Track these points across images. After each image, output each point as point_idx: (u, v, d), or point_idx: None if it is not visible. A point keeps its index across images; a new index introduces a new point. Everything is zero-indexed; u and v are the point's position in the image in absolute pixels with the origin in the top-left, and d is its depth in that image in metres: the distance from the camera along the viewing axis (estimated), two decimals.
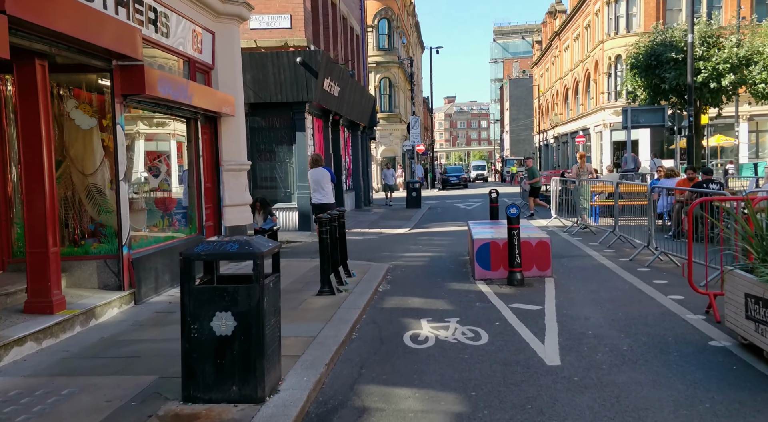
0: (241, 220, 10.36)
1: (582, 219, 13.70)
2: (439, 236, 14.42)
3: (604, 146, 41.53)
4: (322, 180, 11.31)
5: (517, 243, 8.07)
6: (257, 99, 14.72)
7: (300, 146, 15.08)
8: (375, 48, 41.46)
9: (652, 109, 23.25)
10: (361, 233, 15.26)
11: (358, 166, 23.23)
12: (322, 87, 15.28)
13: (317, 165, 11.62)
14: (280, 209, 15.30)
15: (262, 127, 15.29)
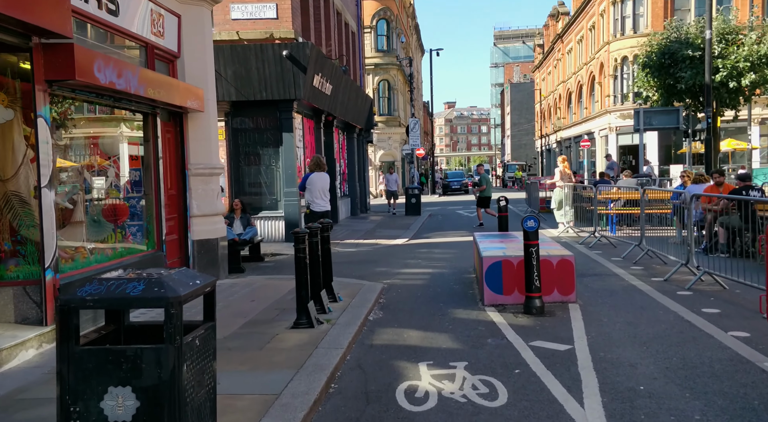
0: (212, 232, 8.96)
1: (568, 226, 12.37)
2: (441, 248, 13.02)
3: (610, 150, 40.15)
4: (327, 186, 10.19)
5: (536, 263, 6.67)
6: (240, 96, 13.35)
7: (287, 148, 13.70)
8: (373, 49, 40.17)
9: (666, 110, 21.88)
10: (355, 244, 13.85)
11: (354, 171, 21.85)
12: (312, 84, 13.91)
13: (321, 169, 10.30)
14: (266, 218, 13.91)
15: (245, 127, 13.91)
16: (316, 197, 10.28)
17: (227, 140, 13.74)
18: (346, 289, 8.18)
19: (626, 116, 38.46)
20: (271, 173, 13.92)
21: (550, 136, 62.63)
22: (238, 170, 13.93)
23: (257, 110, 13.83)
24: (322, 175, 10.43)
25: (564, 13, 56.35)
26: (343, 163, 21.06)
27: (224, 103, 13.48)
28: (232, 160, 13.89)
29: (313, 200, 10.34)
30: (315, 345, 5.54)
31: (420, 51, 67.92)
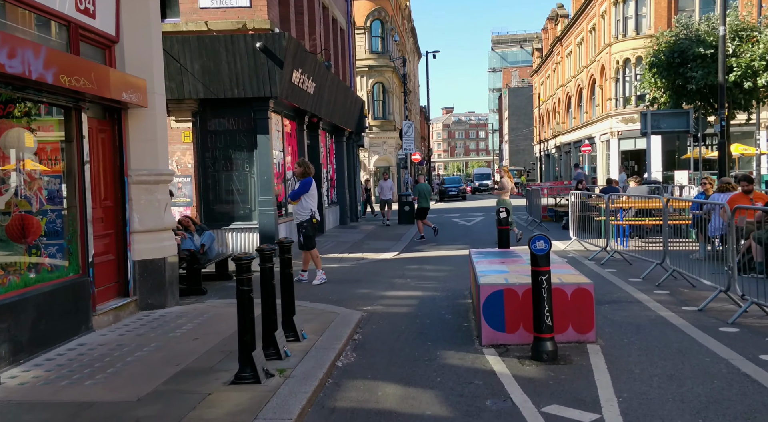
0: (158, 251, 7.53)
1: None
2: (434, 263, 11.59)
3: (612, 155, 38.83)
4: (315, 193, 9.58)
5: (547, 296, 5.26)
6: (209, 94, 11.94)
7: (262, 151, 12.28)
8: (367, 51, 38.84)
9: (675, 113, 20.54)
10: (338, 258, 12.42)
11: (343, 177, 20.44)
12: (290, 80, 12.51)
13: (310, 174, 9.60)
14: (238, 230, 12.48)
15: (215, 129, 12.49)
16: (309, 205, 9.31)
17: (195, 142, 12.32)
18: (315, 321, 6.77)
19: (628, 120, 37.16)
20: (245, 180, 12.50)
21: (549, 141, 61.33)
22: (208, 177, 12.51)
23: (229, 109, 12.42)
24: (312, 182, 9.56)
25: (563, 16, 55.13)
26: (331, 168, 19.66)
27: (191, 101, 12.08)
28: (201, 165, 12.48)
29: (312, 208, 9.35)
30: (254, 414, 4.12)
31: (416, 54, 66.67)
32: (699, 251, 10.26)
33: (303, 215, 9.30)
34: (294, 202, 9.30)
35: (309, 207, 9.32)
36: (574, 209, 12.53)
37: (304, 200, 9.28)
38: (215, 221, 12.49)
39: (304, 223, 9.29)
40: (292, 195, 9.44)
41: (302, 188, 9.27)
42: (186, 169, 12.24)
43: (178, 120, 12.17)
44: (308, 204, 9.32)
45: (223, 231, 12.47)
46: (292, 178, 14.83)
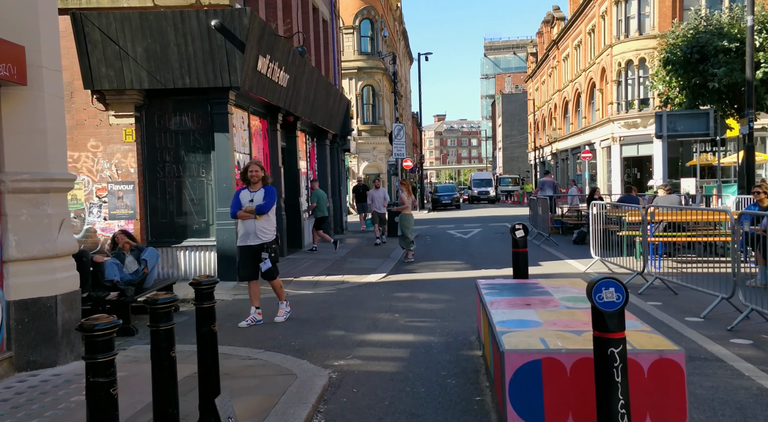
0: (47, 287, 5.38)
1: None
2: (428, 289, 9.47)
3: (613, 163, 36.91)
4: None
5: (622, 379, 3.16)
6: (154, 83, 9.82)
7: (221, 154, 10.16)
8: (356, 52, 36.88)
9: (693, 114, 18.58)
10: (313, 282, 10.29)
11: (326, 185, 18.32)
12: (255, 68, 10.42)
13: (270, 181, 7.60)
14: (192, 248, 10.33)
15: (164, 126, 10.36)
16: (271, 221, 7.34)
17: (139, 142, 10.18)
18: (260, 391, 4.67)
19: (631, 125, 35.32)
20: (201, 188, 10.37)
21: (544, 148, 59.52)
22: (155, 184, 10.37)
23: (181, 102, 10.31)
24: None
25: (559, 19, 53.47)
26: (312, 175, 17.55)
27: (134, 92, 9.95)
28: (147, 170, 10.33)
29: (269, 226, 7.31)
30: None
31: (408, 59, 64.81)
32: (758, 276, 8.25)
33: (270, 234, 7.21)
34: (261, 216, 7.13)
35: (275, 223, 7.31)
36: (596, 223, 10.45)
37: (272, 214, 7.23)
38: (164, 237, 10.35)
39: (272, 245, 7.22)
40: (264, 207, 7.09)
41: (273, 198, 7.19)
42: (128, 174, 10.09)
43: (119, 115, 10.03)
44: (274, 219, 7.30)
45: (173, 249, 10.33)
46: None
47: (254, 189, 7.18)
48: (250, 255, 7.18)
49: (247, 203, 7.10)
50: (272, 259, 7.16)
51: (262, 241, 7.14)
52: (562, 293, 5.50)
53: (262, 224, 7.12)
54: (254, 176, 7.16)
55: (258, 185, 7.20)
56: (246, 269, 7.28)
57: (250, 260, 7.18)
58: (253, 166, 7.20)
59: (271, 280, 7.31)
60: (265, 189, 7.17)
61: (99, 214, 10.12)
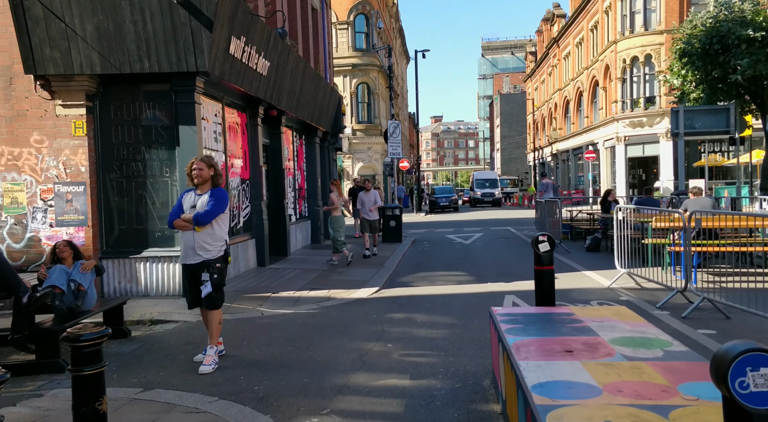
0: None
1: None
2: (427, 309, 8.06)
3: (618, 163, 35.57)
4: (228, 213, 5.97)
5: None
6: (108, 68, 8.40)
7: (187, 150, 8.73)
8: (351, 48, 35.47)
9: (712, 109, 17.23)
10: (294, 298, 8.87)
11: (315, 186, 16.92)
12: (227, 50, 9.00)
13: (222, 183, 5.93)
14: (153, 259, 8.90)
15: (121, 118, 8.94)
16: (222, 236, 5.80)
17: (91, 136, 8.76)
18: None
19: (636, 124, 33.98)
20: (164, 189, 8.95)
21: (544, 149, 58.20)
22: (111, 185, 8.95)
23: (140, 89, 8.90)
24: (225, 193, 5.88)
25: (560, 16, 52.19)
26: (299, 175, 16.14)
27: (84, 78, 8.53)
28: (101, 168, 8.91)
29: (227, 238, 5.84)
30: None
31: (405, 58, 63.48)
32: None
33: (213, 250, 5.63)
34: (201, 228, 5.59)
35: (223, 237, 5.75)
36: (621, 230, 9.04)
37: (217, 226, 5.66)
38: (121, 247, 8.93)
39: (216, 263, 5.63)
40: (203, 216, 5.51)
41: (219, 205, 5.60)
42: (78, 174, 8.67)
43: (67, 105, 8.61)
44: (222, 231, 5.75)
45: (132, 261, 8.90)
46: (239, 185, 11.29)
47: (201, 191, 5.65)
48: (190, 276, 5.67)
49: (188, 209, 5.59)
50: (214, 282, 5.57)
51: (202, 258, 5.56)
52: (610, 330, 4.11)
53: (203, 237, 5.54)
54: (198, 175, 5.61)
55: (206, 186, 5.65)
56: (189, 293, 5.75)
57: (191, 282, 5.67)
58: (197, 162, 5.66)
59: (211, 309, 5.64)
60: (212, 193, 5.60)
61: (44, 220, 8.69)
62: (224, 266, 5.70)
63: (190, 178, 5.66)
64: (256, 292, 9.31)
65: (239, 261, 10.85)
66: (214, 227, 5.59)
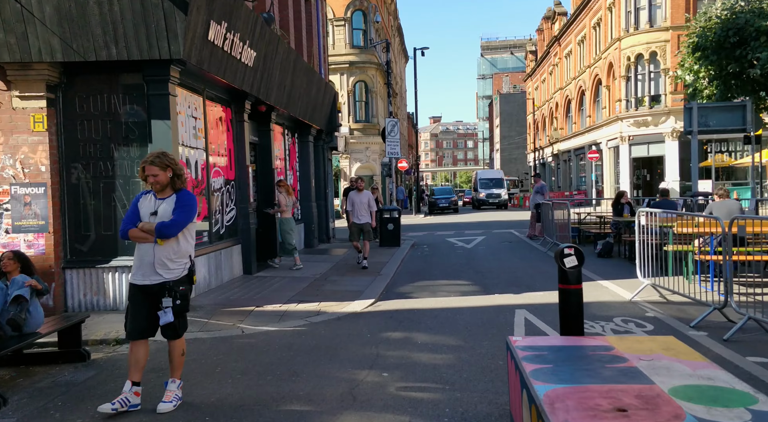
0: None
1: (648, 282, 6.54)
2: (429, 327, 7.14)
3: (622, 164, 34.65)
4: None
5: None
6: (71, 55, 7.49)
7: (159, 146, 7.76)
8: (348, 45, 34.61)
9: (728, 106, 16.41)
10: (279, 313, 7.95)
11: (309, 187, 16.02)
12: (205, 36, 8.10)
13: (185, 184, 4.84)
14: (123, 269, 7.98)
15: (87, 112, 8.03)
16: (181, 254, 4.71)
17: (53, 132, 7.85)
18: None
19: (641, 124, 33.09)
20: (135, 192, 8.02)
21: (544, 149, 57.33)
22: (75, 186, 8.03)
23: (109, 80, 8.00)
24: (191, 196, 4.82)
25: (561, 14, 51.33)
26: (292, 176, 15.23)
27: (44, 66, 7.62)
28: (64, 168, 8.00)
29: (192, 253, 4.80)
30: None
31: (403, 57, 62.60)
32: None
33: (178, 268, 4.60)
34: (164, 241, 4.55)
35: (189, 251, 4.71)
36: (645, 237, 8.12)
37: (183, 238, 4.63)
38: (87, 256, 8.02)
39: (180, 285, 4.58)
40: (169, 228, 4.47)
41: (187, 213, 4.58)
42: (38, 174, 7.75)
43: (25, 97, 7.70)
44: (189, 245, 4.70)
45: (99, 271, 7.98)
46: (223, 187, 10.37)
47: (163, 195, 4.64)
48: (143, 299, 4.58)
49: (147, 216, 4.59)
50: (178, 308, 4.56)
51: (164, 279, 4.53)
52: (666, 374, 3.20)
53: (166, 252, 4.52)
54: (155, 182, 4.55)
55: (167, 191, 4.64)
56: (136, 320, 4.58)
57: (143, 306, 4.58)
58: (149, 167, 4.53)
59: (172, 339, 4.67)
60: (177, 197, 4.60)
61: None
62: (189, 289, 4.67)
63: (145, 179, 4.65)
64: (239, 305, 8.40)
65: (222, 269, 9.94)
66: (179, 240, 4.58)
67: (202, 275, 9.09)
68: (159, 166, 4.53)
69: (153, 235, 4.47)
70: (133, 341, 4.60)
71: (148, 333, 4.63)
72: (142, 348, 4.61)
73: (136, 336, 4.58)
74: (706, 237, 8.52)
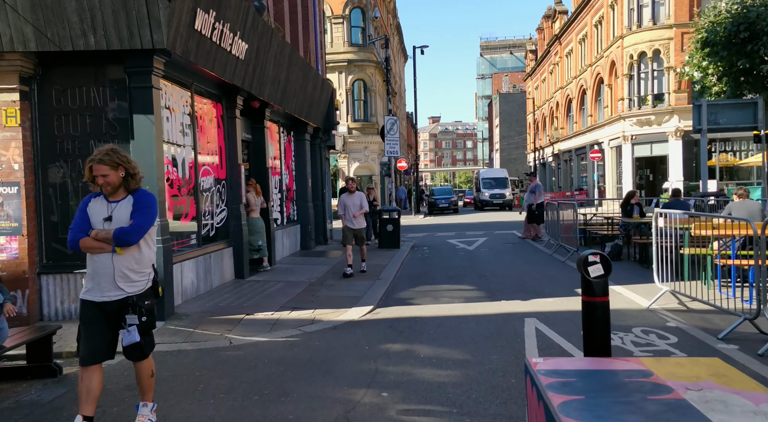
0: None
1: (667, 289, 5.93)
2: (432, 337, 6.60)
3: (624, 163, 34.13)
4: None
5: None
6: (45, 44, 6.95)
7: (143, 144, 7.29)
8: (347, 43, 34.06)
9: (738, 103, 15.87)
10: (271, 322, 7.41)
11: (305, 187, 15.48)
12: (191, 25, 7.56)
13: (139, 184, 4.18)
14: None
15: (65, 106, 7.49)
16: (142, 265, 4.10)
17: (27, 127, 7.31)
18: None
19: (644, 123, 32.57)
20: None
21: (545, 149, 56.82)
22: (51, 186, 7.49)
23: (87, 72, 7.46)
24: (149, 197, 4.16)
25: (562, 12, 50.81)
26: (287, 175, 14.69)
27: (17, 56, 7.07)
28: (40, 166, 7.46)
29: (154, 261, 4.19)
30: None
31: (402, 56, 62.05)
32: None
33: (141, 279, 4.00)
34: (124, 249, 3.89)
35: (151, 259, 4.10)
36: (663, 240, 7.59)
37: (145, 246, 4.00)
38: (64, 260, 7.46)
39: (145, 299, 3.99)
40: (130, 234, 3.84)
41: (148, 216, 3.95)
42: (10, 172, 7.21)
43: None
44: (150, 253, 4.08)
45: (77, 277, 7.43)
46: (213, 186, 9.83)
47: (116, 197, 3.98)
48: (101, 318, 3.93)
49: (100, 223, 3.92)
50: (144, 325, 3.97)
51: (126, 293, 3.91)
52: (723, 410, 2.66)
53: (127, 262, 3.90)
54: (105, 184, 3.88)
55: (120, 192, 3.98)
56: (91, 342, 3.92)
57: (101, 326, 3.93)
58: (96, 166, 3.86)
59: (139, 360, 4.09)
60: (135, 198, 3.96)
61: None
62: (155, 303, 4.09)
63: (96, 184, 3.96)
64: (228, 312, 7.86)
65: (212, 274, 9.39)
66: (141, 247, 3.95)
67: (190, 281, 8.55)
68: (109, 164, 3.86)
69: (110, 244, 3.82)
70: (85, 367, 3.92)
71: (104, 356, 3.98)
72: (96, 375, 3.95)
73: (91, 361, 3.93)
74: (727, 240, 8.00)
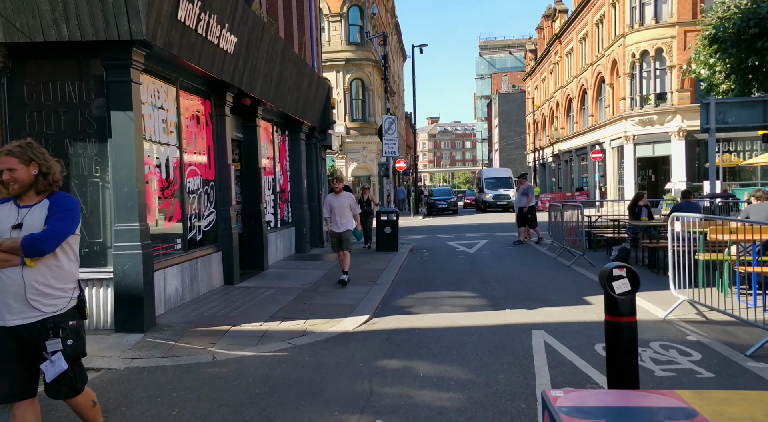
0: None
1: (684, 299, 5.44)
2: (432, 352, 6.09)
3: (626, 164, 33.64)
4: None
5: None
6: (14, 34, 6.44)
7: (121, 143, 6.78)
8: (344, 42, 33.57)
9: (747, 102, 15.41)
10: (258, 334, 6.90)
11: (301, 188, 14.97)
12: (173, 14, 7.05)
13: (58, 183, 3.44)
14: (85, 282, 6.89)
15: (37, 101, 6.98)
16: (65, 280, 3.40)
17: None
18: None
19: (646, 123, 32.07)
20: (94, 193, 6.99)
21: (545, 149, 56.33)
22: None
23: (61, 65, 6.94)
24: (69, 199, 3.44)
25: (562, 11, 50.32)
26: (282, 176, 14.18)
27: None
28: None
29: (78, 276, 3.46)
30: None
31: (401, 55, 61.56)
32: None
33: (63, 297, 3.32)
34: (33, 260, 3.15)
35: (74, 274, 3.40)
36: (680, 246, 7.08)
37: (64, 256, 3.31)
38: None
39: (69, 320, 3.32)
40: (43, 241, 3.13)
41: (68, 220, 3.27)
42: None
43: None
44: (73, 265, 3.39)
45: None
46: (200, 188, 9.32)
47: (27, 202, 3.33)
48: (13, 346, 3.25)
49: (7, 231, 3.24)
50: (71, 350, 3.31)
51: (41, 315, 3.25)
52: None
53: (42, 276, 3.23)
54: (11, 180, 3.24)
55: (32, 195, 3.33)
56: (5, 376, 3.25)
57: (12, 356, 3.26)
58: (3, 159, 3.23)
59: (70, 397, 3.43)
60: (51, 201, 3.32)
61: None
62: (81, 324, 3.41)
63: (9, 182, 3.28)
64: (213, 323, 7.35)
65: (199, 281, 8.88)
66: (60, 258, 3.28)
67: (174, 288, 8.03)
68: (19, 157, 3.24)
69: (19, 254, 3.14)
70: (16, 403, 3.29)
71: (25, 393, 3.29)
72: (30, 411, 3.32)
73: (18, 396, 3.27)
74: (747, 245, 7.50)
